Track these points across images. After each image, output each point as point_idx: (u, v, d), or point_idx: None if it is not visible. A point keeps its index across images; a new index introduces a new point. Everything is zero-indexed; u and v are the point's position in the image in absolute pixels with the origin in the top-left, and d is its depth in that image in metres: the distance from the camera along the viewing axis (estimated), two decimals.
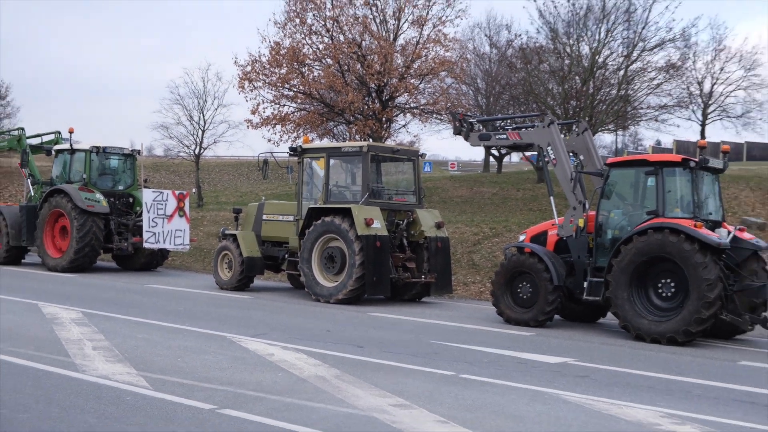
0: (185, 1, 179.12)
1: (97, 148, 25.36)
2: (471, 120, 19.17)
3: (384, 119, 38.36)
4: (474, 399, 9.46)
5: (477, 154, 60.51)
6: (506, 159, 52.75)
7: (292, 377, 10.28)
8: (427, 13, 38.50)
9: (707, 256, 14.28)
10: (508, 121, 19.85)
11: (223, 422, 8.00)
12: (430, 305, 19.51)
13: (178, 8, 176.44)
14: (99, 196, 24.07)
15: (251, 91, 38.41)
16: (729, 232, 15.28)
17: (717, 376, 11.82)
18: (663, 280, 15.00)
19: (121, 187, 26.04)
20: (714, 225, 15.44)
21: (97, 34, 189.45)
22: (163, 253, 25.86)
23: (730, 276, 14.86)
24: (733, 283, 14.89)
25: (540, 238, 17.13)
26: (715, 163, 16.06)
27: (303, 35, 38.38)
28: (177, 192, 24.94)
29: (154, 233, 23.71)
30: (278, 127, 38.50)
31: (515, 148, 19.96)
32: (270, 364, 11.14)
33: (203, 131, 42.92)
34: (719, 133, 67.69)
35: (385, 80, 37.77)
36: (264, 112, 38.55)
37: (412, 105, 40.76)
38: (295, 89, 38.84)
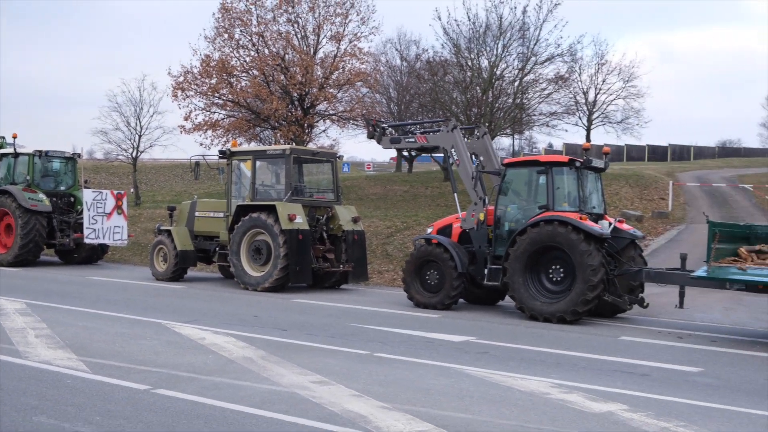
0: (123, 17, 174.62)
1: (40, 151, 24.83)
2: (383, 125, 19.29)
3: (306, 125, 38.19)
4: (386, 375, 9.49)
5: (390, 155, 60.78)
6: (417, 159, 52.83)
7: (222, 359, 10.16)
8: (344, 30, 38.41)
9: (591, 245, 14.59)
10: (417, 126, 19.85)
11: (157, 401, 7.86)
12: (348, 292, 19.48)
13: (117, 23, 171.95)
14: (42, 196, 23.59)
15: (184, 99, 37.89)
16: (610, 224, 15.65)
17: (600, 350, 12.10)
18: (553, 267, 15.26)
19: (62, 188, 25.46)
20: (597, 217, 15.77)
21: (40, 46, 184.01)
22: (102, 248, 25.35)
23: (611, 262, 15.20)
24: (614, 268, 15.23)
25: (445, 231, 17.26)
26: (598, 163, 16.40)
27: (231, 49, 37.94)
28: (115, 192, 24.63)
29: (94, 229, 23.31)
30: (209, 132, 38.11)
31: (423, 150, 20.03)
32: (201, 347, 10.98)
33: (140, 136, 42.98)
34: (602, 136, 69.71)
35: (306, 90, 37.57)
36: (196, 118, 38.12)
37: (331, 112, 40.63)
38: (225, 98, 38.38)
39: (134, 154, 43.41)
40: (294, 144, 29.84)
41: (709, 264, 13.65)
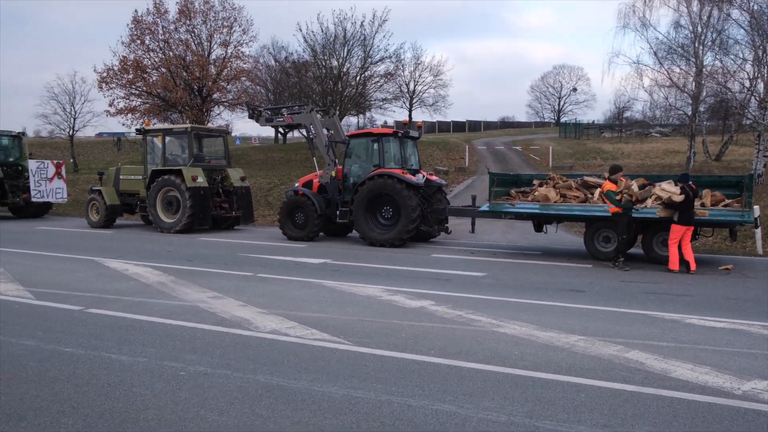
0: (54, 25, 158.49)
1: None
2: (260, 109, 18.80)
3: (204, 110, 36.65)
4: (265, 289, 9.33)
5: (271, 132, 58.71)
6: (290, 134, 51.68)
7: (141, 284, 9.65)
8: (230, 38, 36.84)
9: (411, 191, 14.84)
10: (286, 109, 19.39)
11: (88, 318, 7.38)
12: (239, 231, 18.99)
13: (48, 29, 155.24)
14: None
15: (107, 90, 35.41)
16: (423, 176, 15.91)
17: (417, 264, 12.36)
18: (385, 207, 15.42)
19: (11, 159, 23.48)
20: (414, 172, 15.98)
21: None
22: (47, 205, 23.69)
23: (425, 203, 15.52)
24: (427, 207, 15.57)
25: (308, 184, 17.07)
26: (414, 133, 16.60)
27: (143, 51, 35.58)
28: (55, 161, 23.25)
29: (39, 191, 22.05)
30: (129, 115, 35.79)
31: (290, 127, 19.67)
32: (125, 276, 10.38)
33: (75, 119, 40.28)
34: (420, 115, 69.94)
35: (203, 83, 35.99)
36: (118, 105, 35.71)
37: (223, 100, 39.08)
38: (140, 89, 36.04)
39: (71, 133, 40.80)
40: (195, 124, 28.50)
41: (490, 201, 14.19)
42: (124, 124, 36.84)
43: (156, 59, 35.89)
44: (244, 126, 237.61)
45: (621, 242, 11.97)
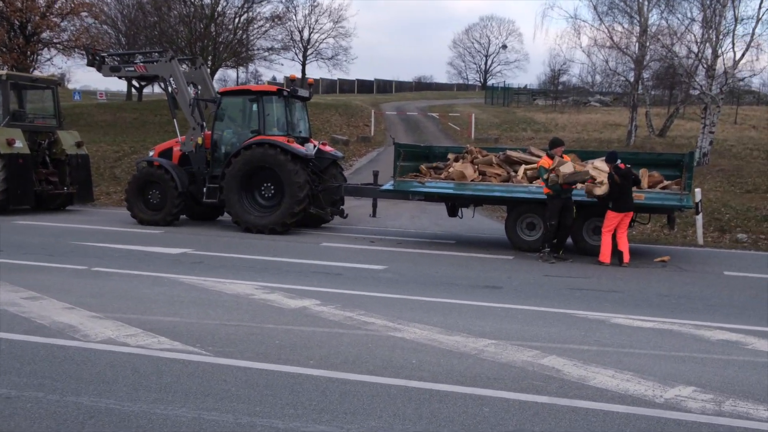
0: None
1: None
2: (102, 54, 18.11)
3: (29, 53, 34.79)
4: (101, 287, 9.03)
5: (124, 86, 56.53)
6: (147, 90, 50.06)
7: None
8: None
9: (297, 165, 14.80)
10: (139, 56, 18.74)
11: None
12: (74, 212, 18.29)
13: None
14: None
15: None
16: (314, 146, 15.90)
17: (303, 255, 12.37)
18: (265, 184, 15.33)
19: None
20: (303, 141, 15.94)
21: None
22: None
23: (316, 179, 15.53)
24: (318, 185, 15.59)
25: (166, 154, 16.65)
26: (303, 92, 16.52)
27: None
28: None
29: None
30: None
31: (143, 79, 19.11)
32: None
33: None
34: (317, 71, 70.11)
35: (27, 18, 34.16)
36: None
37: (55, 41, 37.24)
38: None
39: None
40: (15, 70, 27.02)
41: (396, 179, 14.35)
42: None
43: None
44: (87, 77, 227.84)
45: (548, 229, 12.46)
